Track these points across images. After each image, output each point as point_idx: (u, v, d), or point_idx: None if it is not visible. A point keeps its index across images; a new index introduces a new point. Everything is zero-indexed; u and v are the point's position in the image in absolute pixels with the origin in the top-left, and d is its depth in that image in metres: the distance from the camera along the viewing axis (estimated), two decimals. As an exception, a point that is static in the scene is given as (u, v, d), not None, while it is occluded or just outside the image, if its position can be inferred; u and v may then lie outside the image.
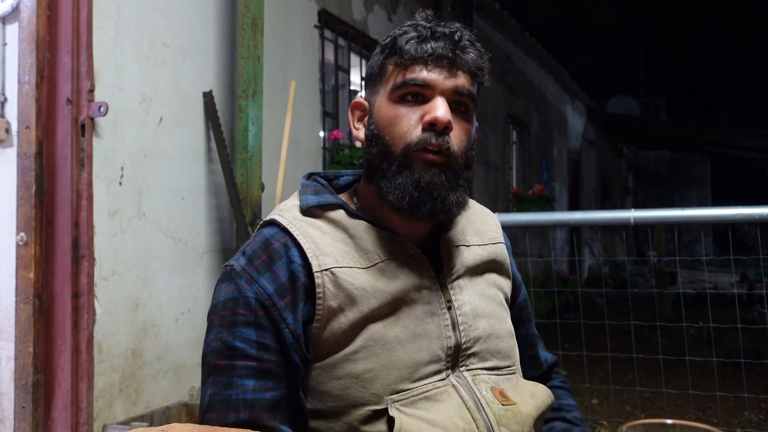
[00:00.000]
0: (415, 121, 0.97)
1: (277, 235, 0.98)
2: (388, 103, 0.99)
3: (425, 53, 0.96)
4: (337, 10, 4.15)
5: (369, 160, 1.01)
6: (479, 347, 1.01)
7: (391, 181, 0.97)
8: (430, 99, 0.97)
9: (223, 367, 0.92)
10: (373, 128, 1.00)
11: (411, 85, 0.96)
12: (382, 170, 0.98)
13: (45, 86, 2.24)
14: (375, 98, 1.02)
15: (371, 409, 0.92)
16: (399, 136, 0.97)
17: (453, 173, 0.97)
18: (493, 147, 7.37)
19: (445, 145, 0.96)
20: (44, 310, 2.22)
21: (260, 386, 0.91)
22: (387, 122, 0.98)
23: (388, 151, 0.97)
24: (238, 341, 0.92)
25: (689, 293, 7.16)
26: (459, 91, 0.97)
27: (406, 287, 0.97)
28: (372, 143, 1.00)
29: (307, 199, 1.01)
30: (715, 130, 12.61)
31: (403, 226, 1.01)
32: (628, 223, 2.38)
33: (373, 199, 1.02)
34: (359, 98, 1.07)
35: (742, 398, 3.71)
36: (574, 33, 19.30)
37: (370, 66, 1.04)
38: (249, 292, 0.93)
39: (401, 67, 0.97)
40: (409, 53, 0.96)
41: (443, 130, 0.95)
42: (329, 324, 0.93)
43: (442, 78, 0.96)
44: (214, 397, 0.92)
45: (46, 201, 2.24)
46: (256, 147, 2.99)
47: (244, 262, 0.96)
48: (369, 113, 1.03)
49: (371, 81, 1.04)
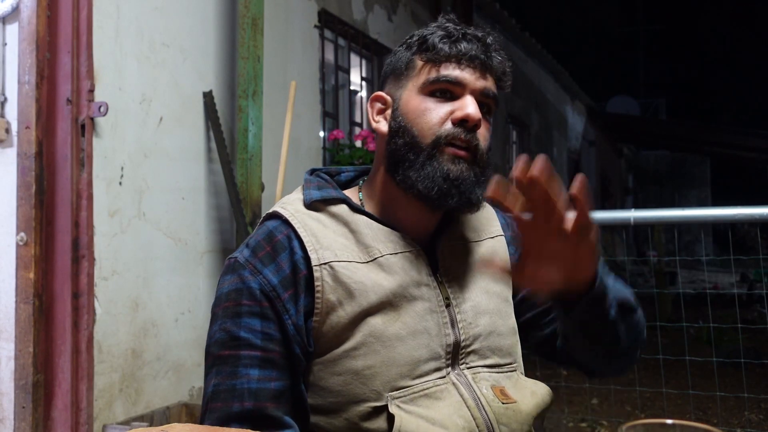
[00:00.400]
0: (444, 114, 0.98)
1: (281, 227, 0.98)
2: (418, 96, 1.00)
3: (459, 52, 0.98)
4: (337, 10, 4.15)
5: (393, 151, 1.01)
6: (479, 345, 1.01)
7: (420, 171, 0.97)
8: (459, 96, 0.99)
9: (228, 357, 0.93)
10: (400, 120, 1.01)
11: (443, 81, 0.98)
12: (410, 161, 0.99)
13: (45, 86, 2.24)
14: (401, 92, 1.03)
15: (371, 405, 0.93)
16: (428, 127, 0.98)
17: (480, 169, 0.99)
18: (493, 147, 7.35)
19: (474, 141, 0.98)
20: (44, 310, 2.22)
21: (265, 376, 0.92)
22: (416, 114, 0.99)
23: (415, 142, 0.99)
24: (242, 331, 0.93)
25: (689, 293, 7.16)
26: (486, 92, 1.00)
27: (405, 283, 0.97)
28: (398, 134, 1.01)
29: (310, 193, 1.02)
30: (715, 130, 12.61)
31: (409, 222, 1.02)
32: (628, 223, 2.38)
33: (388, 192, 1.03)
34: (380, 92, 1.07)
35: (742, 398, 3.71)
36: (574, 33, 19.30)
37: (393, 62, 1.05)
38: (253, 282, 0.94)
39: (434, 63, 0.99)
40: (443, 50, 0.98)
41: (473, 127, 0.98)
42: (328, 318, 0.94)
43: (474, 78, 0.99)
44: (219, 387, 0.92)
45: (46, 201, 2.24)
46: (256, 147, 2.99)
47: (248, 253, 0.97)
48: (394, 106, 1.03)
49: (395, 75, 1.04)
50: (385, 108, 1.05)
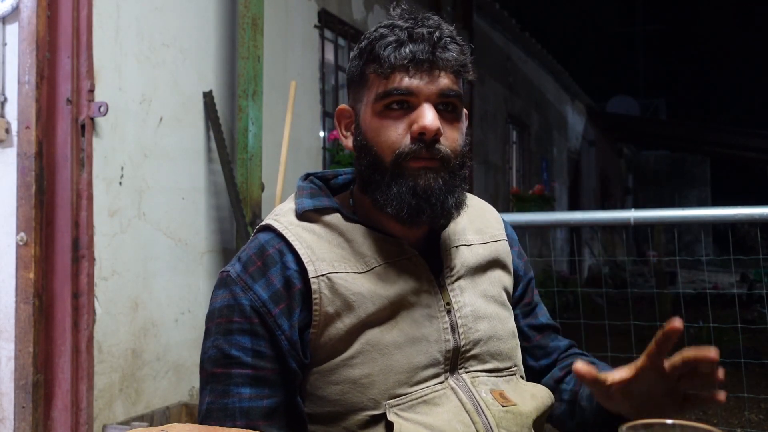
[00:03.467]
0: (403, 130, 0.94)
1: (272, 240, 0.97)
2: (373, 113, 0.96)
3: (405, 59, 0.92)
4: (337, 10, 4.15)
5: (361, 172, 0.99)
6: (479, 350, 1.00)
7: (386, 192, 0.94)
8: (416, 106, 0.94)
9: (220, 375, 0.92)
10: (361, 139, 0.98)
11: (394, 95, 0.93)
12: (375, 182, 0.96)
13: (45, 86, 2.24)
14: (359, 106, 0.99)
15: (369, 414, 0.92)
16: (387, 146, 0.94)
17: (449, 175, 0.95)
18: (493, 147, 7.36)
19: (438, 153, 0.93)
20: (44, 310, 2.22)
21: (256, 394, 0.91)
22: (374, 133, 0.96)
23: (377, 162, 0.95)
24: (233, 349, 0.92)
25: (689, 293, 7.16)
26: (444, 93, 0.94)
27: (403, 291, 0.96)
28: (361, 154, 0.98)
29: (302, 202, 1.00)
30: (715, 130, 12.61)
31: (400, 228, 1.00)
32: (628, 223, 2.38)
33: (369, 207, 1.00)
34: (344, 105, 1.04)
35: (742, 398, 3.71)
36: (574, 33, 19.30)
37: (350, 72, 1.01)
38: (244, 299, 0.93)
39: (382, 75, 0.94)
40: (388, 61, 0.93)
41: (434, 137, 0.93)
42: (326, 329, 0.93)
43: (425, 83, 0.93)
44: (212, 405, 0.92)
45: (46, 201, 2.24)
46: (256, 147, 2.99)
47: (239, 268, 0.96)
48: (356, 121, 1.00)
49: (353, 87, 1.01)
50: (350, 122, 1.02)
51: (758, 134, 11.31)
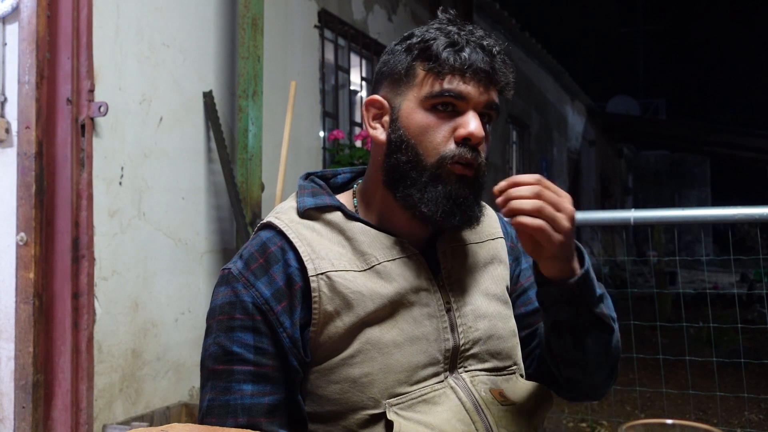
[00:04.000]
0: (447, 132, 0.95)
1: (274, 238, 0.97)
2: (420, 110, 0.96)
3: (464, 65, 0.94)
4: (337, 10, 4.15)
5: (394, 167, 0.98)
6: (478, 349, 1.00)
7: (423, 192, 0.95)
8: (462, 111, 0.95)
9: (221, 372, 0.92)
10: (402, 134, 0.97)
11: (448, 96, 0.94)
12: (412, 179, 0.96)
13: (45, 86, 2.24)
14: (400, 100, 0.98)
15: (369, 413, 0.92)
16: (432, 147, 0.95)
17: (479, 185, 0.98)
18: (493, 147, 7.37)
19: (479, 160, 0.96)
20: (44, 310, 2.22)
21: (258, 391, 0.92)
22: (419, 131, 0.96)
23: (418, 161, 0.96)
24: (235, 346, 0.92)
25: (689, 293, 7.16)
26: (490, 105, 0.97)
27: (403, 289, 0.96)
28: (399, 150, 0.97)
29: (304, 201, 1.00)
30: (715, 130, 12.61)
31: (406, 228, 1.00)
32: (628, 223, 2.38)
33: (385, 203, 1.00)
34: (376, 96, 1.02)
35: (742, 398, 3.71)
36: (574, 33, 19.30)
37: (391, 64, 1.00)
38: (246, 296, 0.93)
39: (437, 74, 0.94)
40: (447, 63, 0.94)
41: (476, 144, 0.95)
42: (326, 328, 0.93)
43: (478, 92, 0.95)
44: (213, 402, 0.92)
45: (46, 201, 2.24)
46: (256, 147, 2.99)
47: (241, 265, 0.96)
48: (392, 115, 0.99)
49: (393, 80, 0.99)
50: (381, 113, 1.01)
51: (758, 134, 11.32)
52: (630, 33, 20.72)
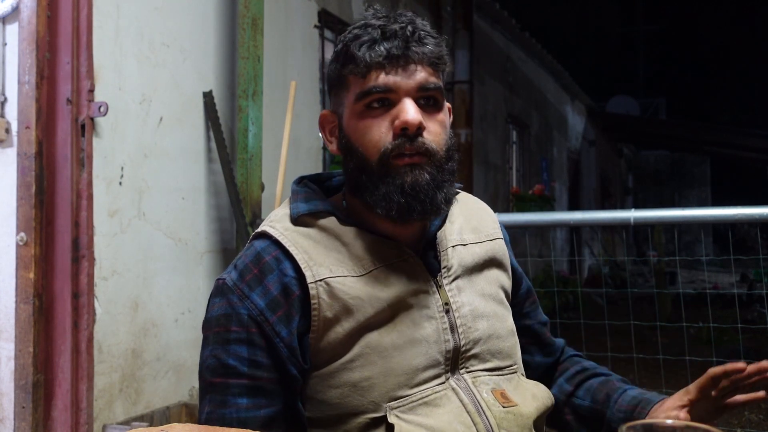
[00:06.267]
0: (386, 128, 0.94)
1: (269, 248, 0.96)
2: (355, 114, 0.96)
3: (380, 57, 0.92)
4: (337, 10, 4.15)
5: (350, 174, 0.98)
6: (479, 349, 1.00)
7: (374, 193, 0.94)
8: (396, 102, 0.93)
9: (218, 385, 0.93)
10: (346, 141, 0.97)
11: (373, 93, 0.93)
12: (364, 183, 0.95)
13: (45, 86, 2.24)
14: (341, 109, 0.99)
15: (370, 416, 0.92)
16: (373, 145, 0.94)
17: (436, 169, 0.94)
18: (493, 147, 7.37)
19: (422, 147, 0.93)
20: (44, 310, 2.22)
21: (253, 404, 0.91)
22: (360, 133, 0.95)
23: (365, 163, 0.95)
24: (231, 359, 0.92)
25: (689, 293, 7.16)
26: (424, 86, 0.94)
27: (402, 292, 0.96)
28: (348, 157, 0.97)
29: (297, 207, 0.99)
30: (715, 130, 12.61)
31: (394, 229, 0.99)
32: (628, 223, 2.38)
33: (360, 208, 1.00)
34: (326, 110, 1.03)
35: (742, 398, 3.70)
36: (574, 33, 19.30)
37: (330, 76, 1.00)
38: (241, 308, 0.93)
39: (359, 75, 0.94)
40: (365, 60, 0.93)
41: (416, 131, 0.93)
42: (326, 334, 0.93)
43: (403, 78, 0.93)
44: (211, 415, 0.93)
45: (46, 201, 2.24)
46: (256, 147, 2.99)
47: (235, 276, 0.95)
48: (340, 125, 0.99)
49: (334, 91, 1.00)
50: (333, 126, 1.02)
51: (758, 134, 11.31)
52: (630, 33, 20.72)
